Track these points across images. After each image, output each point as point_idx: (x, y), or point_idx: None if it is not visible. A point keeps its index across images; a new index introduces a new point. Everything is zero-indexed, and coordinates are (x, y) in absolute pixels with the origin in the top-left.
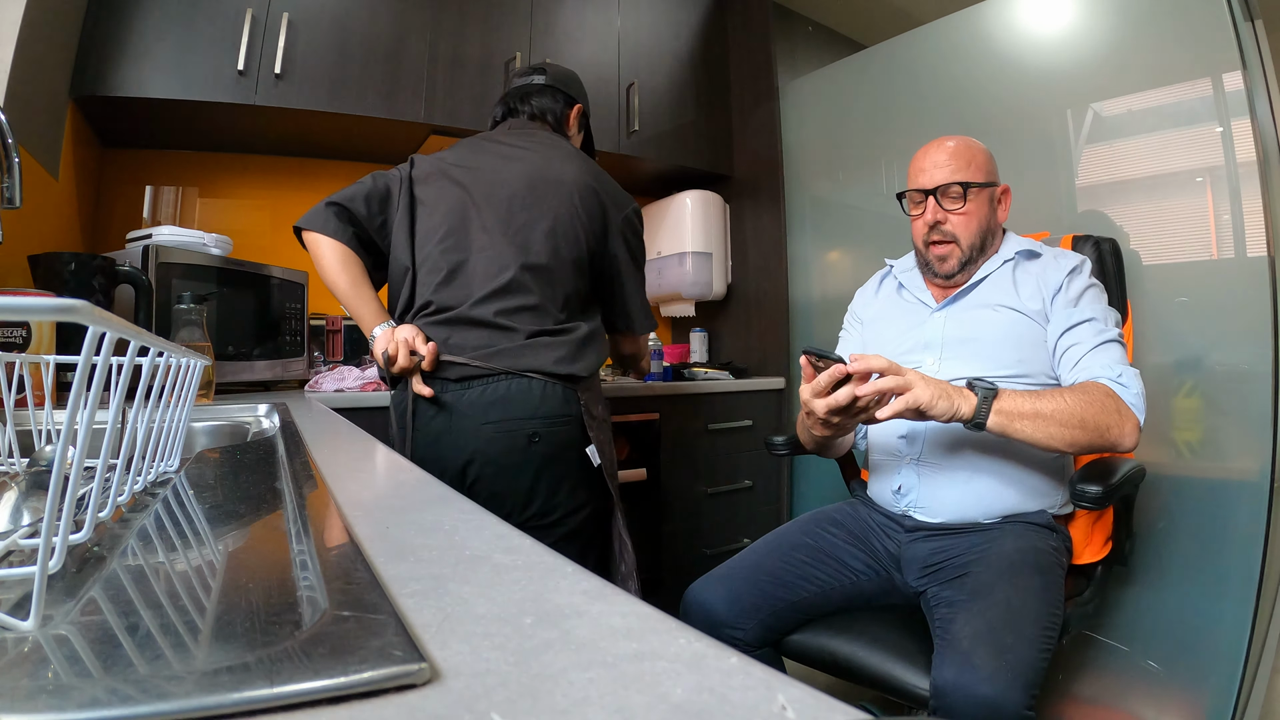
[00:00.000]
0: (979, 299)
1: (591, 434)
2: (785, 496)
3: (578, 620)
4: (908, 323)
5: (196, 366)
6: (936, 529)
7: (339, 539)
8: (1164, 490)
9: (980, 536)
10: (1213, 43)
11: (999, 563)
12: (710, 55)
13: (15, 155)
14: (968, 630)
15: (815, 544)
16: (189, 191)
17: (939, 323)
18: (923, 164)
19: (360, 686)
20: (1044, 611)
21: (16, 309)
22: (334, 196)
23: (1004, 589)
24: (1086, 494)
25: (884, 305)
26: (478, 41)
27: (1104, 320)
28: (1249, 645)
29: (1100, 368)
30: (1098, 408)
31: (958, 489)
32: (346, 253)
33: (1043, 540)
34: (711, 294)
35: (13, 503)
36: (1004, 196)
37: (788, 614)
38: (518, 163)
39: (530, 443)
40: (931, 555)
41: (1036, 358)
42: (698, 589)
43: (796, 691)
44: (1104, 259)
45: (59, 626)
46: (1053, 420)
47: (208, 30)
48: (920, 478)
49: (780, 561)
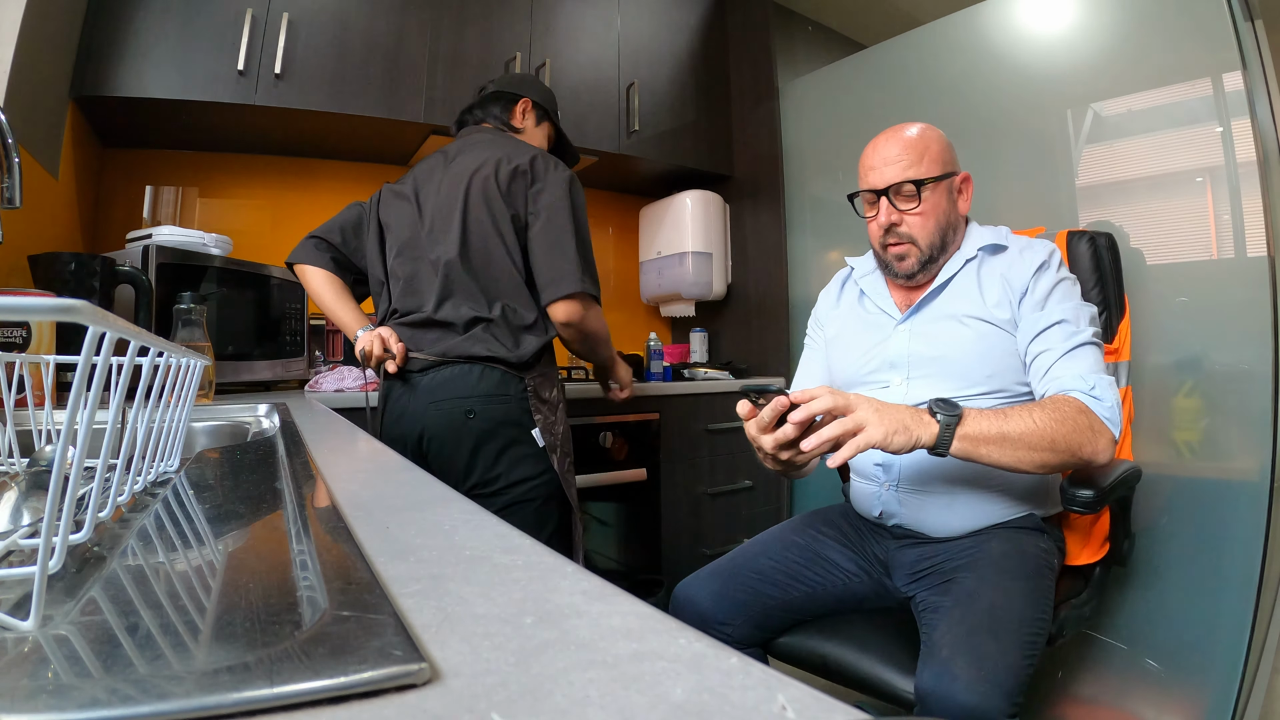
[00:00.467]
0: (944, 309)
1: (538, 417)
2: (785, 496)
3: (578, 620)
4: (871, 340)
5: (196, 366)
6: (923, 537)
7: (339, 539)
8: (1164, 490)
9: (968, 541)
10: (1213, 43)
11: (985, 567)
12: (710, 55)
13: (15, 155)
14: (948, 638)
15: (807, 544)
16: (189, 191)
17: (904, 338)
18: (872, 161)
19: (360, 686)
20: (1029, 615)
21: (16, 309)
22: (315, 230)
23: (988, 594)
24: (1078, 498)
25: (846, 319)
26: (478, 41)
27: (1075, 320)
28: (1249, 645)
29: (1072, 379)
30: (1069, 427)
31: (940, 511)
32: (327, 275)
33: (1031, 543)
34: (711, 294)
35: (13, 503)
36: (964, 186)
37: (777, 613)
38: (451, 168)
39: (466, 418)
40: (919, 561)
41: (1009, 370)
42: (686, 585)
43: (796, 691)
44: (1100, 254)
45: (59, 626)
46: (1021, 444)
47: (207, 30)
48: (901, 504)
49: (770, 560)
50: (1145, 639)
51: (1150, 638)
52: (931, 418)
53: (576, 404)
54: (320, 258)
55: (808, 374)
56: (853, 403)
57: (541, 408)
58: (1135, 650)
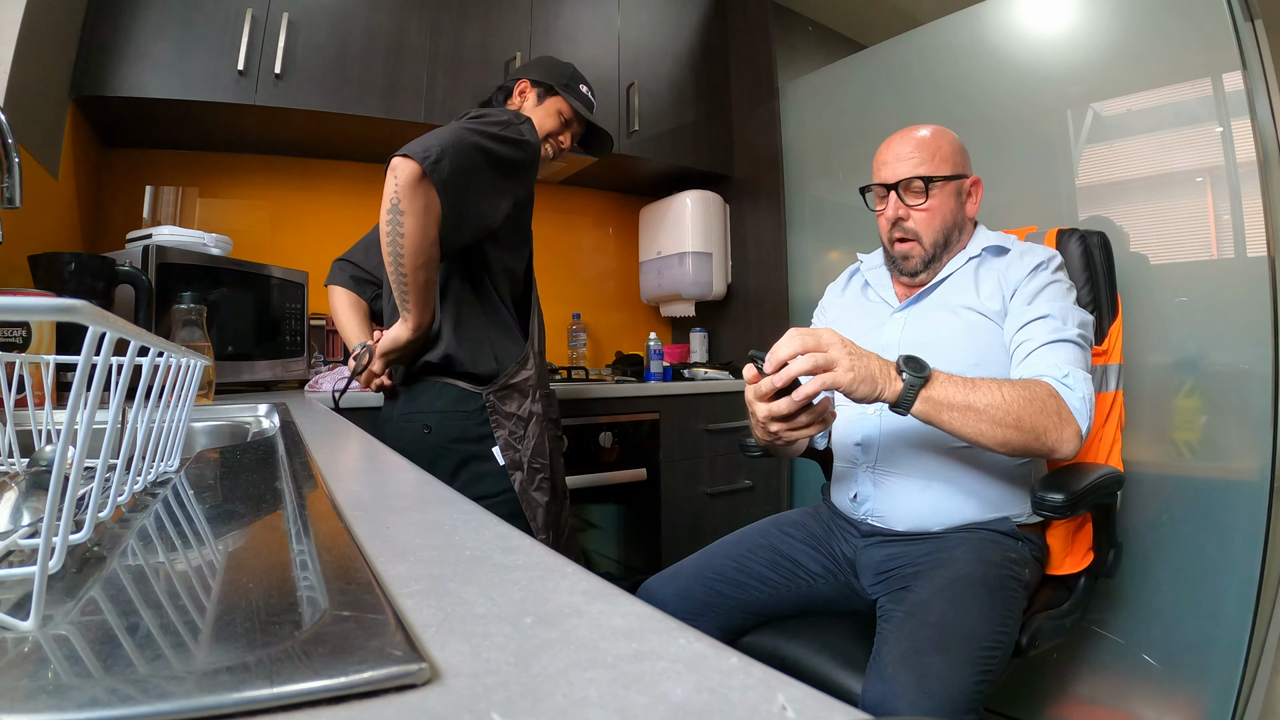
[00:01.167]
0: (939, 300)
1: (500, 433)
2: (785, 496)
3: (578, 620)
4: (868, 324)
5: (196, 366)
6: (892, 535)
7: (339, 539)
8: (1163, 490)
9: (935, 544)
10: (1213, 43)
11: (942, 578)
12: (710, 55)
13: (15, 155)
14: (895, 652)
15: (771, 545)
16: (189, 191)
17: (898, 325)
18: (885, 156)
19: (360, 686)
20: (983, 632)
21: (16, 309)
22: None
23: (940, 608)
24: (1047, 502)
25: (848, 304)
26: (478, 41)
27: (1062, 319)
28: (1249, 645)
29: (1047, 366)
30: (1037, 408)
31: (913, 498)
32: (344, 292)
33: (1000, 552)
34: (711, 294)
35: (13, 503)
36: (974, 189)
37: (738, 614)
38: None
39: (424, 434)
40: (885, 562)
41: (994, 361)
42: (651, 584)
43: (796, 691)
44: (1091, 254)
45: (59, 626)
46: (984, 416)
47: (207, 30)
48: (876, 486)
49: (732, 561)
50: (1145, 638)
51: (1150, 637)
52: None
53: (576, 404)
54: (340, 276)
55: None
56: (824, 341)
57: (505, 423)
58: (1134, 650)
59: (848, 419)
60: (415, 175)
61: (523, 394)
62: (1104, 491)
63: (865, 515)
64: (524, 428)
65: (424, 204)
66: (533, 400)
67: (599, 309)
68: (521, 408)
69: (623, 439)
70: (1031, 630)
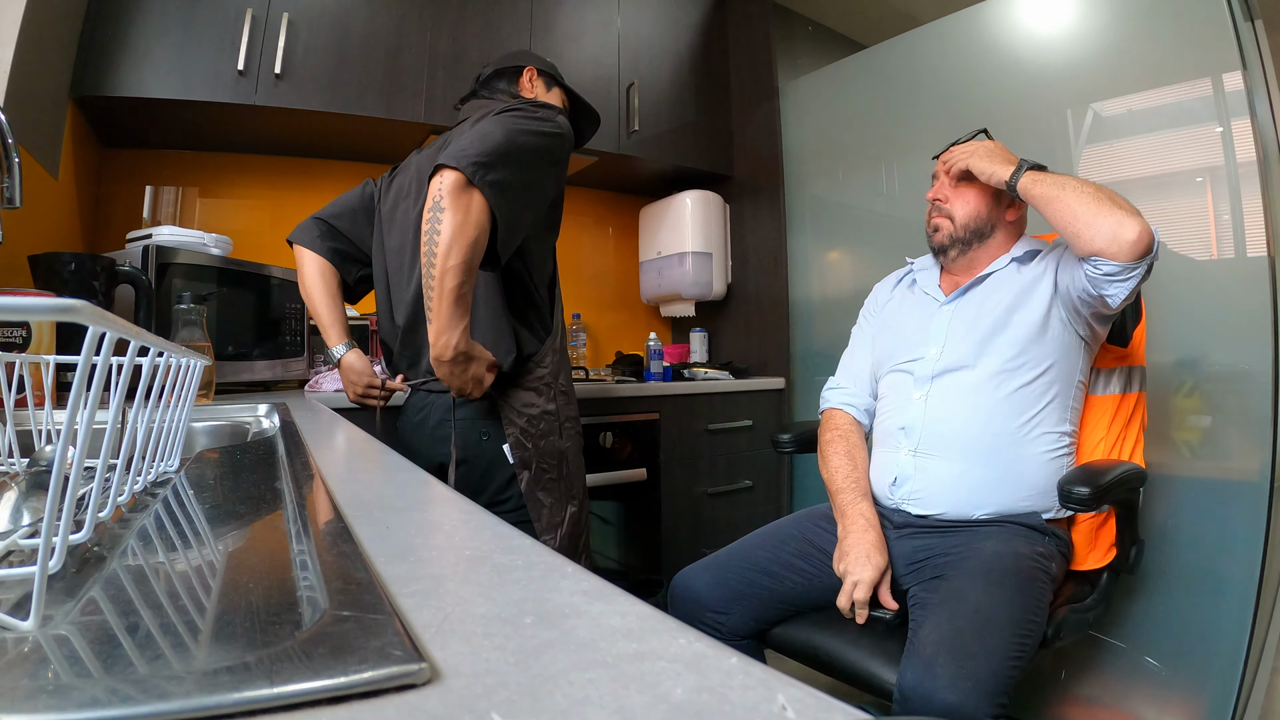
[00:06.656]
0: (985, 293)
1: (509, 433)
2: (785, 496)
3: (578, 620)
4: (916, 316)
5: (196, 366)
6: (923, 526)
7: (339, 539)
8: (1164, 490)
9: (965, 535)
10: (1213, 43)
11: (976, 567)
12: (710, 55)
13: (15, 155)
14: (933, 636)
15: (805, 537)
16: (189, 191)
17: (945, 316)
18: (953, 148)
19: (360, 686)
20: (1017, 619)
21: (16, 309)
22: (322, 211)
23: (976, 595)
24: (1074, 495)
25: (898, 301)
26: (478, 41)
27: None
28: (1249, 645)
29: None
30: (1116, 194)
31: (952, 480)
32: (323, 266)
33: (1028, 545)
34: (711, 294)
35: (13, 503)
36: (1017, 202)
37: (771, 604)
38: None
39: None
40: (915, 553)
41: (1035, 354)
42: (685, 575)
43: (796, 691)
44: None
45: (59, 626)
46: (1070, 183)
47: (207, 30)
48: (917, 467)
49: (767, 552)
50: (1145, 638)
51: (1150, 637)
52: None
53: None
54: (321, 245)
55: (854, 354)
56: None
57: (519, 419)
58: (1135, 650)
59: (892, 405)
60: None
61: (537, 393)
62: (1127, 486)
63: (902, 501)
64: (535, 425)
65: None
66: (554, 397)
67: (599, 309)
68: (526, 403)
69: (623, 439)
70: (1056, 623)
